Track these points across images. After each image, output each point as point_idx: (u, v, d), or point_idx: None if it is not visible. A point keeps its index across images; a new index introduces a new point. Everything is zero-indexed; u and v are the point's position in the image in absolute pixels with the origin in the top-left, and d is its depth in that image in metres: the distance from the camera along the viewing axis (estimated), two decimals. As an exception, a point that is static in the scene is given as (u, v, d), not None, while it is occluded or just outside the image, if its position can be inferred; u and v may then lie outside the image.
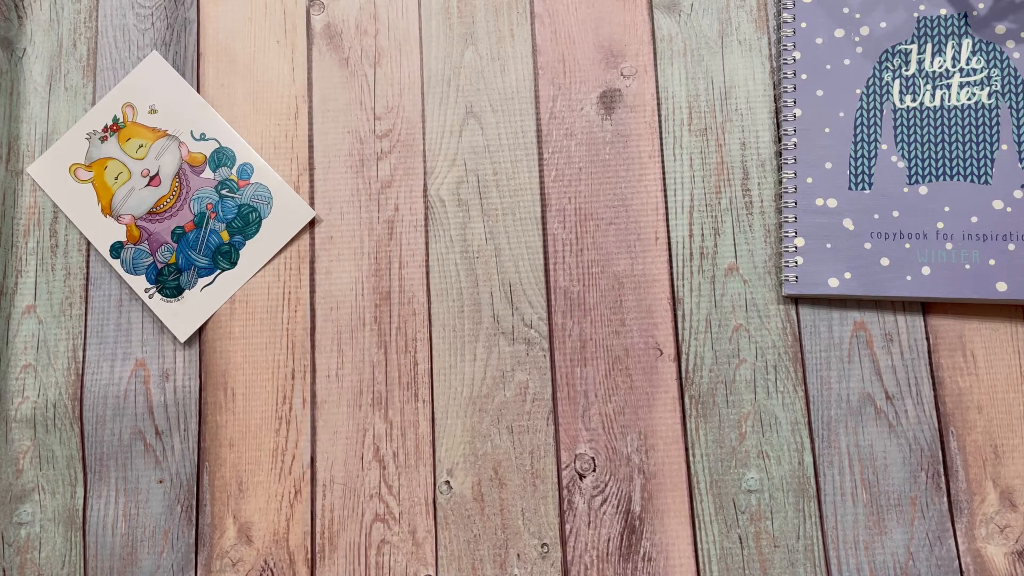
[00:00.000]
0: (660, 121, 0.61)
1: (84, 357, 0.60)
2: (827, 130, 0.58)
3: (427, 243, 0.60)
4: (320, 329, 0.60)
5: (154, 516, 0.58)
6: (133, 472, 0.59)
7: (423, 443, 0.58)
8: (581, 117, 0.61)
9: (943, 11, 0.59)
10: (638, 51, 0.62)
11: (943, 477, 0.55)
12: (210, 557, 0.57)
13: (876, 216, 0.57)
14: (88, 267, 0.61)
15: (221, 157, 0.61)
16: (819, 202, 0.58)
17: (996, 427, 0.56)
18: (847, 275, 0.57)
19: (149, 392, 0.59)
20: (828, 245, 0.57)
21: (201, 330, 0.60)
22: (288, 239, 0.60)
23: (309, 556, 0.57)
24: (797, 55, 0.60)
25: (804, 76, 0.59)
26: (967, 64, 0.58)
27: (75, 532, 0.58)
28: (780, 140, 0.59)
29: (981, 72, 0.57)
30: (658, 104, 0.61)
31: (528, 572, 0.56)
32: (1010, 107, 0.57)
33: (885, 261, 0.56)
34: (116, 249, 0.61)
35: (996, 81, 0.57)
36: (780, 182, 0.59)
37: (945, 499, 0.55)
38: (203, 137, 0.62)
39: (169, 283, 0.60)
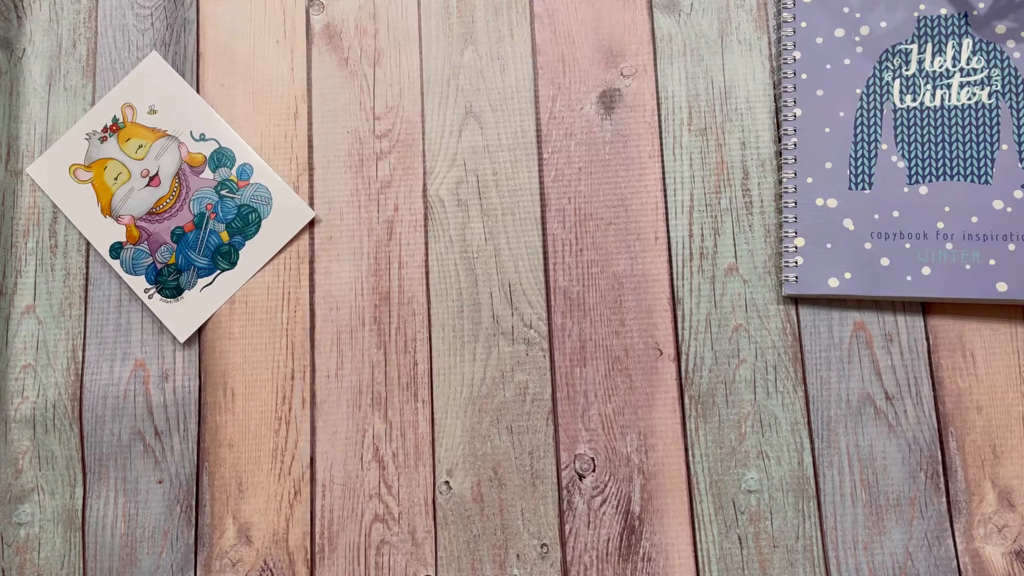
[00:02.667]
0: (660, 121, 0.61)
1: (84, 357, 0.60)
2: (827, 130, 0.58)
3: (427, 243, 0.60)
4: (320, 329, 0.60)
5: (154, 516, 0.58)
6: (132, 472, 0.59)
7: (423, 443, 0.58)
8: (581, 117, 0.61)
9: (943, 11, 0.59)
10: (638, 51, 0.62)
11: (942, 477, 0.55)
12: (210, 557, 0.57)
13: (876, 216, 0.57)
14: (88, 267, 0.61)
15: (221, 157, 0.61)
16: (819, 202, 0.58)
17: (995, 427, 0.56)
18: (847, 275, 0.56)
19: (149, 392, 0.59)
20: (828, 245, 0.57)
21: (201, 330, 0.60)
22: (288, 239, 0.60)
23: (309, 556, 0.57)
24: (797, 55, 0.60)
25: (804, 76, 0.59)
26: (967, 64, 0.58)
27: (74, 532, 0.58)
28: (780, 140, 0.59)
29: (981, 72, 0.57)
30: (658, 104, 0.61)
31: (528, 572, 0.56)
32: (1010, 107, 0.57)
33: (885, 261, 0.56)
34: (116, 249, 0.61)
35: (996, 81, 0.57)
36: (780, 182, 0.59)
37: (944, 499, 0.55)
38: (203, 137, 0.62)
39: (169, 283, 0.60)
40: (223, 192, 0.61)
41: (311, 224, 0.61)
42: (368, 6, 0.63)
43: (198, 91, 0.63)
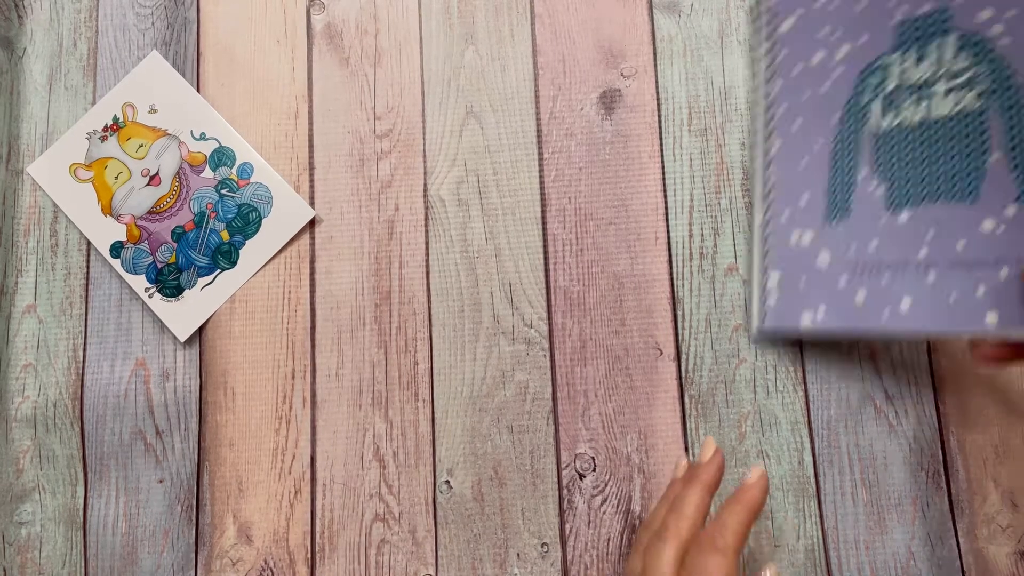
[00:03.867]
0: (660, 121, 0.61)
1: (84, 357, 0.60)
2: (804, 160, 0.55)
3: (427, 243, 0.60)
4: (320, 329, 0.60)
5: (154, 516, 0.58)
6: (133, 472, 0.59)
7: (423, 443, 0.58)
8: (581, 117, 0.61)
9: (925, 8, 0.54)
10: (638, 51, 0.62)
11: (943, 477, 0.55)
12: (210, 557, 0.57)
13: (853, 248, 0.53)
14: (88, 267, 0.61)
15: (221, 157, 0.61)
16: (795, 236, 0.55)
17: (997, 427, 0.56)
18: (822, 310, 0.53)
19: (149, 392, 0.59)
20: (803, 280, 0.54)
21: (201, 330, 0.60)
22: (288, 239, 0.60)
23: (309, 556, 0.57)
24: (779, 83, 0.57)
25: (784, 107, 0.57)
26: (953, 65, 0.53)
27: (76, 531, 0.58)
28: (757, 174, 0.58)
29: (968, 71, 0.52)
30: (658, 104, 0.61)
31: (528, 572, 0.56)
32: (1000, 107, 0.51)
33: (861, 295, 0.52)
34: (116, 249, 0.61)
35: (984, 79, 0.52)
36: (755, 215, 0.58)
37: (946, 499, 0.55)
38: (203, 137, 0.62)
39: (169, 283, 0.60)
40: (223, 191, 0.61)
41: (312, 223, 0.61)
42: (369, 6, 0.63)
43: (198, 90, 0.63)
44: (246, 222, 0.61)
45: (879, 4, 0.54)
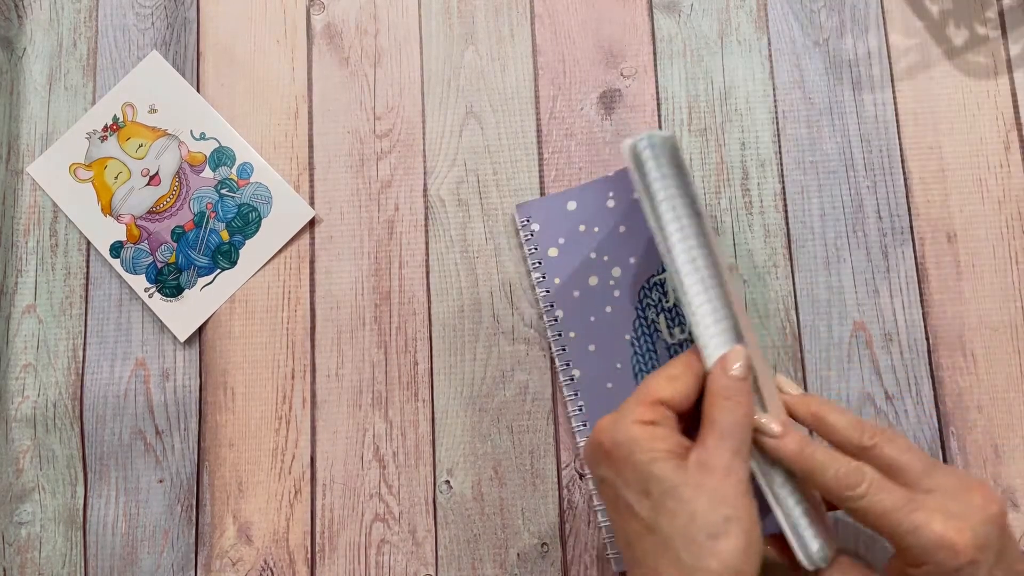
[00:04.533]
0: (660, 121, 0.61)
1: (84, 357, 0.60)
2: (609, 385, 0.56)
3: (427, 243, 0.60)
4: (320, 329, 0.60)
5: (154, 516, 0.58)
6: (133, 472, 0.59)
7: (423, 443, 0.58)
8: (581, 117, 0.61)
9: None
10: (638, 51, 0.62)
11: (943, 477, 0.55)
12: (210, 557, 0.57)
13: None
14: (88, 267, 0.61)
15: (221, 156, 0.61)
16: None
17: (996, 427, 0.56)
18: None
19: (149, 392, 0.59)
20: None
21: (201, 330, 0.60)
22: (288, 238, 0.60)
23: (309, 556, 0.57)
24: (560, 314, 0.57)
25: (573, 334, 0.56)
26: None
27: (75, 531, 0.58)
28: (568, 406, 0.57)
29: None
30: (658, 104, 0.61)
31: (528, 571, 0.56)
32: None
33: None
34: (116, 249, 0.61)
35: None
36: (577, 447, 0.56)
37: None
38: (203, 136, 0.62)
39: (169, 283, 0.60)
40: (223, 191, 0.61)
41: (311, 223, 0.61)
42: (369, 6, 0.63)
43: (198, 90, 0.63)
44: (246, 222, 0.61)
45: (639, 228, 0.55)
